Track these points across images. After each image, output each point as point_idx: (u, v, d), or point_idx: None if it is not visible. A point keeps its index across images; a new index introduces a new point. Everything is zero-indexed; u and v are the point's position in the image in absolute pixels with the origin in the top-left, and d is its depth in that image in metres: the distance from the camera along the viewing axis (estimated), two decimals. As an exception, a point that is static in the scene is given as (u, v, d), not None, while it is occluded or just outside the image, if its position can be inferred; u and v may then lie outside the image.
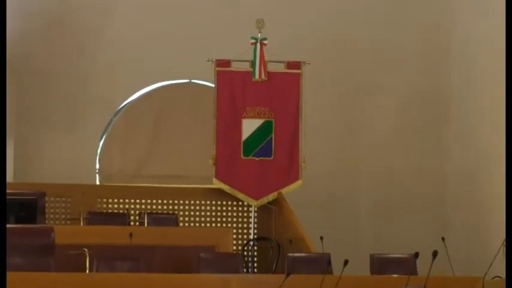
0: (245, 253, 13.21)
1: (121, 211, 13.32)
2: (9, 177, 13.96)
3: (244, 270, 11.94)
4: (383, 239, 13.84)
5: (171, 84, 15.04)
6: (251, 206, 13.62)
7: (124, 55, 14.64)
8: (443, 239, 10.08)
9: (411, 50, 15.20)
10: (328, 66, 14.54)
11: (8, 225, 11.03)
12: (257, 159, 13.61)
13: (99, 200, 13.49)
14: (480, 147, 14.14)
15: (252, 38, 13.44)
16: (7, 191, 12.60)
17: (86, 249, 10.34)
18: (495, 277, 10.33)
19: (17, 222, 11.33)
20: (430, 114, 15.17)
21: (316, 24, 14.89)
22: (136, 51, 14.65)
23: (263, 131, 13.66)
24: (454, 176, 14.84)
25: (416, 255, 8.06)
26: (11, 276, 9.38)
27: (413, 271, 9.33)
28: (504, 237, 10.40)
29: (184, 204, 13.63)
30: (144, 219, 12.98)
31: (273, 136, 13.66)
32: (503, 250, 10.50)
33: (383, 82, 15.15)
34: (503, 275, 10.87)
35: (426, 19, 15.23)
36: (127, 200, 13.51)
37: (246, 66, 13.61)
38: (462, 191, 14.50)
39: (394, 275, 10.01)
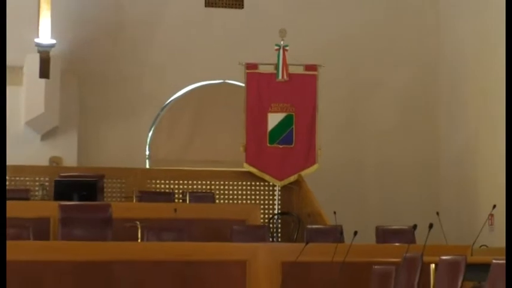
0: (271, 225, 13.19)
1: (167, 190, 13.32)
2: (74, 162, 14.01)
3: (270, 239, 11.93)
4: (386, 214, 13.79)
5: (208, 84, 15.02)
6: (275, 186, 13.62)
7: (169, 60, 14.63)
8: (437, 213, 10.03)
9: (408, 53, 15.17)
10: (339, 68, 14.51)
11: (72, 203, 11.09)
12: (280, 146, 13.59)
13: (148, 181, 13.51)
14: (468, 133, 14.08)
15: (276, 45, 13.44)
16: (73, 173, 12.71)
17: (138, 222, 10.34)
18: (482, 245, 10.31)
19: (80, 200, 11.37)
20: (425, 106, 15.13)
21: (328, 32, 14.86)
22: (179, 57, 14.64)
23: (285, 123, 13.64)
24: (446, 159, 14.79)
25: (415, 227, 8.03)
26: (75, 245, 9.43)
27: (412, 240, 9.29)
28: (490, 211, 10.37)
29: (219, 185, 13.63)
30: (186, 197, 13.00)
31: (294, 127, 13.64)
32: (488, 223, 10.46)
33: (385, 80, 15.13)
34: (489, 244, 10.87)
35: (420, 26, 15.20)
36: (172, 181, 13.52)
37: (270, 69, 13.59)
38: (453, 172, 14.44)
39: (396, 244, 9.99)
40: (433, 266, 7.99)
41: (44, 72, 13.51)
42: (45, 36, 13.51)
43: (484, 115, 13.54)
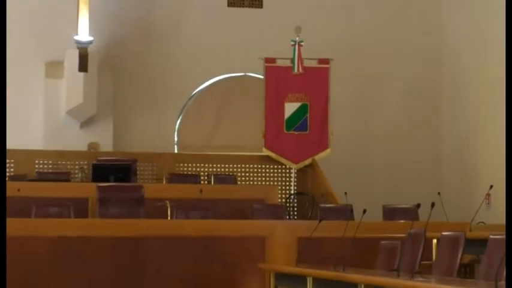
0: (287, 204, 13.19)
1: (193, 173, 13.34)
2: (109, 147, 14.05)
3: (287, 217, 11.94)
4: (392, 194, 13.75)
5: (231, 77, 14.99)
6: (292, 169, 13.62)
7: (195, 54, 14.62)
8: (439, 193, 10.01)
9: (412, 48, 15.11)
10: (349, 61, 14.45)
11: (109, 184, 11.12)
12: (296, 133, 13.58)
13: (176, 164, 13.53)
14: (468, 122, 14.04)
15: (292, 41, 13.42)
16: (109, 158, 12.75)
17: (168, 202, 10.35)
18: (479, 222, 10.26)
19: (115, 181, 11.40)
20: (428, 96, 15.07)
21: (340, 29, 14.81)
22: (204, 52, 14.63)
23: (300, 112, 13.64)
24: (447, 144, 14.74)
25: (418, 206, 8.00)
26: (111, 222, 9.45)
27: (416, 218, 9.29)
28: (487, 192, 10.32)
29: (241, 168, 13.64)
30: (211, 179, 13.02)
31: (308, 115, 13.63)
32: (485, 202, 10.41)
33: (391, 73, 15.05)
34: (486, 221, 10.82)
35: (423, 25, 15.11)
36: (198, 165, 13.54)
37: (287, 63, 13.57)
38: (454, 156, 14.41)
39: (401, 221, 9.98)
40: (435, 241, 7.98)
41: (83, 66, 13.54)
42: (83, 33, 13.53)
43: (483, 104, 13.48)
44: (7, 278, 8.56)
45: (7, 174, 12.65)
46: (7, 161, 12.81)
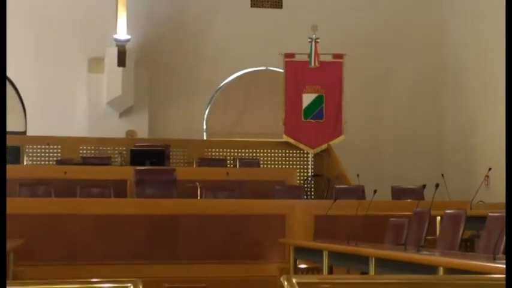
0: (305, 185, 13.17)
1: (220, 157, 13.35)
2: (145, 134, 14.08)
3: (305, 197, 11.93)
4: (400, 176, 13.68)
5: (254, 71, 14.97)
6: (309, 153, 13.60)
7: (222, 50, 14.61)
8: (442, 175, 9.94)
9: (417, 45, 15.00)
10: (360, 56, 14.36)
11: (145, 167, 11.16)
12: (313, 121, 13.55)
13: (205, 149, 13.54)
14: (468, 111, 13.97)
15: (309, 38, 13.37)
16: (144, 144, 12.79)
17: (197, 183, 10.37)
18: (479, 201, 10.19)
19: (151, 165, 11.43)
20: (432, 88, 14.99)
21: (353, 27, 14.73)
22: (230, 48, 14.61)
23: (317, 102, 13.60)
24: (450, 130, 14.66)
25: (424, 186, 7.98)
26: (147, 202, 9.49)
27: (421, 197, 9.24)
28: (486, 173, 10.26)
29: (263, 152, 13.63)
30: (236, 162, 13.03)
31: (324, 105, 13.59)
32: (484, 183, 10.34)
33: (398, 67, 14.97)
34: (485, 200, 10.75)
35: (428, 23, 15.02)
36: (224, 150, 13.53)
37: (304, 58, 13.51)
38: (456, 142, 14.34)
39: (408, 200, 9.95)
40: (438, 218, 7.95)
41: (121, 62, 13.58)
42: (121, 33, 13.56)
43: (482, 96, 13.40)
44: (58, 251, 8.64)
45: (55, 159, 12.73)
46: (55, 146, 12.91)
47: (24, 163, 12.49)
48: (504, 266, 4.19)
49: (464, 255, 6.08)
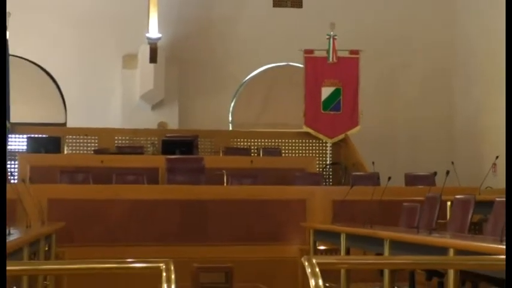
0: (324, 173, 13.16)
1: (245, 147, 13.36)
2: (175, 125, 14.11)
3: (323, 183, 11.92)
4: (413, 163, 13.63)
5: (276, 66, 14.94)
6: (327, 143, 13.57)
7: (245, 47, 14.59)
8: (452, 163, 9.87)
9: (429, 40, 14.91)
10: (375, 52, 14.30)
11: (175, 156, 11.19)
12: (331, 112, 13.51)
13: (231, 139, 13.55)
14: (477, 103, 13.86)
15: (327, 35, 13.33)
16: (175, 134, 12.83)
17: (224, 171, 10.39)
18: (487, 187, 10.13)
19: (181, 154, 11.45)
20: (442, 79, 14.88)
21: (368, 25, 14.67)
22: (253, 45, 14.59)
23: (335, 95, 13.55)
24: (459, 120, 14.57)
25: (435, 173, 7.94)
26: (177, 187, 9.53)
27: (432, 184, 9.19)
28: (493, 161, 10.18)
29: (285, 142, 13.61)
30: (259, 151, 13.02)
31: (341, 98, 13.54)
32: (492, 170, 10.26)
33: (410, 61, 14.90)
34: (493, 186, 10.67)
35: (439, 19, 14.91)
36: (249, 140, 13.54)
37: (323, 53, 13.47)
38: (465, 131, 14.25)
39: (420, 186, 9.90)
40: (449, 203, 7.91)
41: (153, 58, 13.62)
42: (153, 31, 13.59)
43: (490, 87, 13.29)
44: (96, 233, 8.70)
45: (92, 148, 12.81)
46: (92, 137, 12.98)
47: (65, 152, 12.57)
48: (511, 248, 4.16)
49: (473, 237, 6.04)
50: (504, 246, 4.38)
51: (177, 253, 8.28)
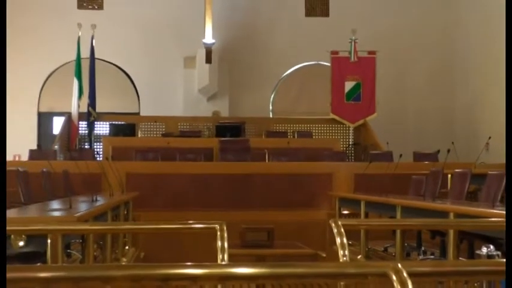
0: (347, 151, 13.11)
1: (283, 130, 13.37)
2: (226, 113, 14.17)
3: (347, 160, 11.87)
4: (420, 143, 13.47)
5: (308, 65, 14.87)
6: (350, 127, 13.50)
7: (283, 50, 14.55)
8: (452, 143, 9.72)
9: (433, 40, 14.66)
10: (389, 52, 14.13)
11: (226, 138, 11.25)
12: (353, 102, 13.43)
13: (272, 124, 13.58)
14: (475, 90, 13.62)
15: (350, 39, 13.25)
16: (226, 121, 12.88)
17: (266, 150, 10.43)
18: (481, 162, 9.96)
19: (231, 137, 11.53)
20: (444, 75, 14.63)
21: (382, 30, 14.48)
22: (289, 47, 14.53)
23: (356, 88, 13.46)
24: (459, 107, 14.34)
25: (438, 151, 7.86)
26: (228, 164, 9.58)
27: (436, 160, 9.10)
28: (486, 141, 10.01)
29: (315, 127, 13.59)
30: (295, 134, 13.02)
31: (361, 90, 13.44)
32: (485, 148, 10.09)
33: (418, 58, 14.66)
34: (486, 161, 10.49)
35: (441, 20, 14.64)
36: (286, 125, 13.56)
37: (346, 54, 13.38)
38: (464, 116, 14.03)
39: (426, 162, 9.80)
40: (449, 175, 7.81)
41: (208, 59, 13.67)
42: (208, 37, 13.63)
43: (486, 77, 13.04)
44: (163, 200, 8.82)
45: (160, 132, 12.95)
46: (160, 123, 13.13)
47: (139, 136, 12.76)
48: (501, 212, 4.12)
49: (470, 203, 5.98)
50: (496, 211, 4.33)
51: (228, 217, 8.26)
